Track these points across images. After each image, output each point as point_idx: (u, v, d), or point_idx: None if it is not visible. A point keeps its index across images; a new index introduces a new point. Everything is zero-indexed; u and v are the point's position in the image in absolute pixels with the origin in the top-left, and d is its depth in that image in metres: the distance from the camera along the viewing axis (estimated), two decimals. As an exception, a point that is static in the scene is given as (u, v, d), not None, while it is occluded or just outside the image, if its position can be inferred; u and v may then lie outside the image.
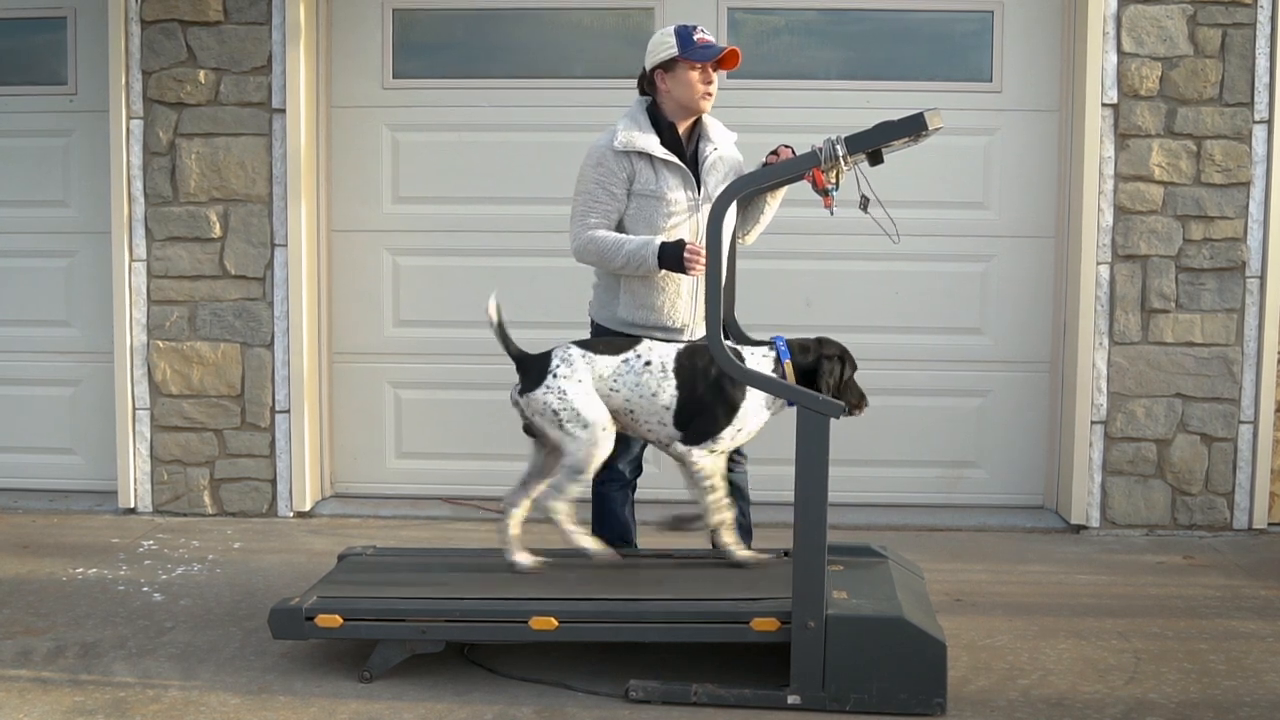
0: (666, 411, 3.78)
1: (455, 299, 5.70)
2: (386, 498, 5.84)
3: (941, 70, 5.62)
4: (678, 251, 3.84)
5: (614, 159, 3.94)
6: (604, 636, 3.63)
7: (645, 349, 3.82)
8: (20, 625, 4.17)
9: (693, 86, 3.93)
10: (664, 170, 3.95)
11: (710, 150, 4.02)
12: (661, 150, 3.94)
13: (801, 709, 3.43)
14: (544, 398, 3.76)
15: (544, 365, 3.79)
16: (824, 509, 3.41)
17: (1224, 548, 5.21)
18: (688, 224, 3.98)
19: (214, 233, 5.54)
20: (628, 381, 3.78)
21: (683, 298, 4.00)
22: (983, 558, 5.09)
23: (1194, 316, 5.35)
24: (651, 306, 4.00)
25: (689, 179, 3.97)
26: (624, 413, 3.81)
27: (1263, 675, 3.74)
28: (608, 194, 3.94)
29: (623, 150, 3.93)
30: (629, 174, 3.93)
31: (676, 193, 3.95)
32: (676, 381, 3.77)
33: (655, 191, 3.94)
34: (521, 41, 5.72)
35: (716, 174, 4.01)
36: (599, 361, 3.80)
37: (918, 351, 5.67)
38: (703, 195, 3.99)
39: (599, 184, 3.95)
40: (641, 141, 3.92)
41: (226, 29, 5.47)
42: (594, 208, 3.95)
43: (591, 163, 3.97)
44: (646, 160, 3.93)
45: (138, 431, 5.64)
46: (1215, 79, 5.26)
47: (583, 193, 3.98)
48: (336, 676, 3.69)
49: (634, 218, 3.97)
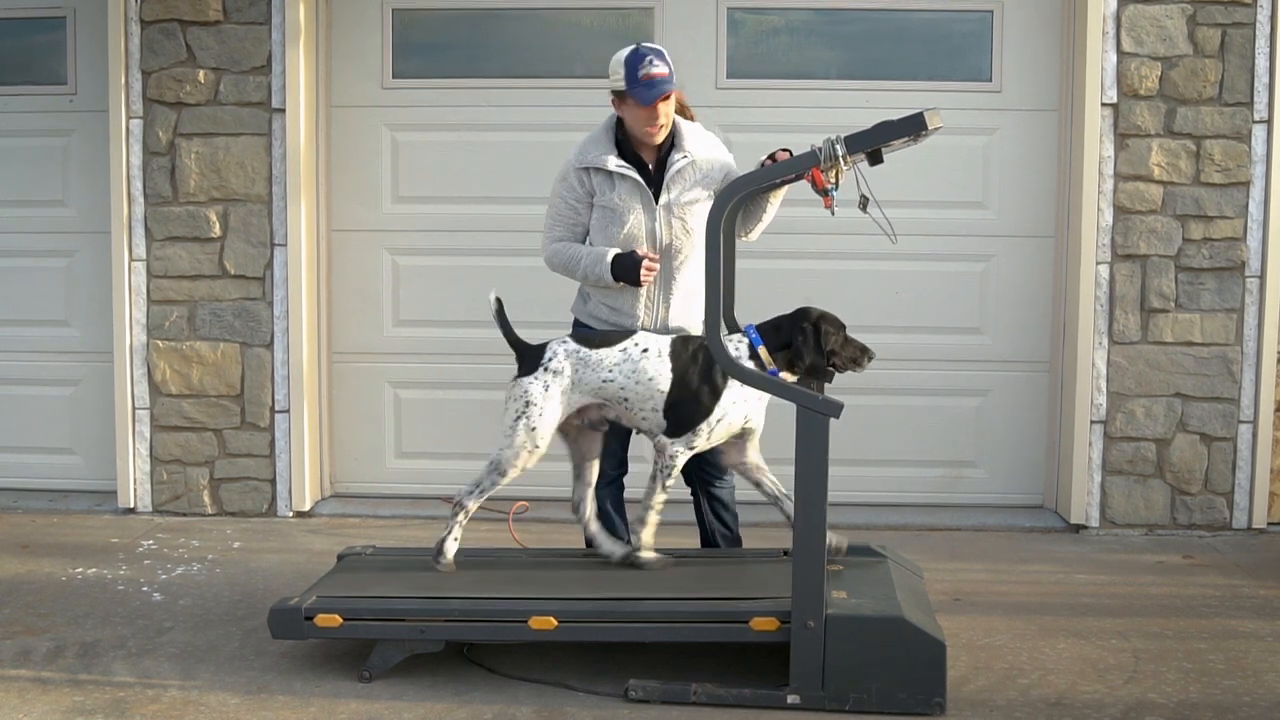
0: (661, 396, 3.81)
1: (455, 299, 5.70)
2: (386, 498, 5.84)
3: (941, 70, 5.62)
4: (630, 262, 3.95)
5: (575, 175, 4.09)
6: (604, 636, 3.63)
7: (641, 337, 3.89)
8: (20, 625, 4.17)
9: (639, 121, 3.99)
10: (620, 183, 4.04)
11: (679, 159, 4.05)
12: (615, 164, 4.02)
13: (801, 709, 3.43)
14: (528, 386, 3.83)
15: (539, 355, 3.86)
16: (824, 509, 3.41)
17: (1223, 547, 5.22)
18: (644, 235, 4.04)
19: (214, 232, 5.54)
20: (624, 370, 3.82)
21: (642, 301, 4.08)
22: (982, 557, 5.09)
23: (1193, 316, 5.35)
24: (615, 307, 4.11)
25: (644, 190, 4.03)
26: (617, 401, 3.84)
27: (1262, 675, 3.74)
28: (570, 209, 4.11)
29: (581, 167, 4.07)
30: (589, 188, 4.07)
31: (630, 204, 4.03)
32: (671, 366, 3.82)
33: (609, 203, 4.05)
34: (521, 41, 5.72)
35: (684, 181, 4.04)
36: (594, 355, 3.84)
37: (918, 351, 5.67)
38: (662, 203, 4.03)
39: (562, 199, 4.13)
40: (595, 157, 4.04)
41: (226, 29, 5.47)
42: (559, 221, 4.14)
43: (559, 178, 4.15)
44: (604, 174, 4.05)
45: (137, 431, 5.64)
46: (1215, 79, 5.26)
47: (551, 207, 4.17)
48: (336, 676, 3.69)
49: (595, 227, 4.11)
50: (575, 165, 4.08)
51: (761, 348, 3.83)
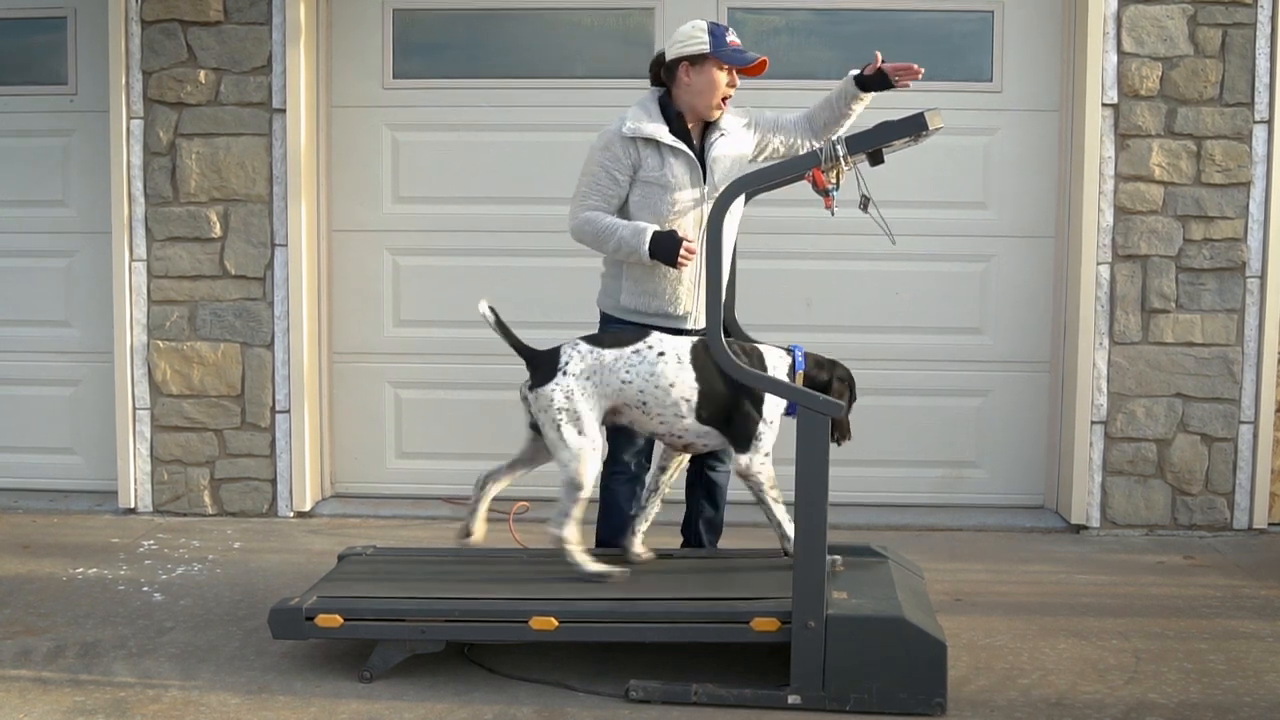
0: (686, 404, 3.77)
1: (455, 299, 5.70)
2: (386, 498, 5.84)
3: (941, 70, 5.60)
4: (670, 243, 3.87)
5: (621, 144, 3.97)
6: (604, 636, 3.63)
7: (655, 339, 3.81)
8: (20, 625, 4.17)
9: (715, 87, 3.96)
10: (670, 158, 3.97)
11: (717, 137, 4.03)
12: (670, 138, 3.96)
13: (801, 709, 3.43)
14: (552, 394, 3.74)
15: (554, 361, 3.78)
16: (824, 509, 3.41)
17: (1224, 548, 5.22)
18: (693, 213, 4.00)
19: (214, 233, 5.54)
20: (640, 372, 3.75)
21: (684, 284, 4.01)
22: (983, 558, 5.09)
23: (1194, 316, 5.35)
24: (653, 293, 4.02)
25: (695, 168, 3.99)
26: (635, 405, 3.78)
27: (1263, 675, 3.74)
28: (610, 178, 3.98)
29: (630, 136, 3.96)
30: (634, 161, 3.96)
31: (682, 180, 3.97)
32: (695, 373, 3.77)
33: (660, 179, 3.96)
34: (521, 41, 5.72)
35: (722, 165, 4.03)
36: (609, 354, 3.78)
37: (918, 351, 5.68)
38: (708, 185, 4.00)
39: (603, 167, 3.98)
40: (650, 128, 3.95)
41: (226, 29, 5.47)
42: (595, 189, 3.99)
43: (600, 145, 4.01)
44: (654, 147, 3.96)
45: (138, 431, 5.64)
46: (1215, 79, 5.26)
47: (587, 174, 4.02)
48: (336, 676, 3.69)
49: (639, 204, 3.99)
50: (623, 134, 3.96)
51: (801, 373, 3.83)
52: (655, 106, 4.01)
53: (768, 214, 5.20)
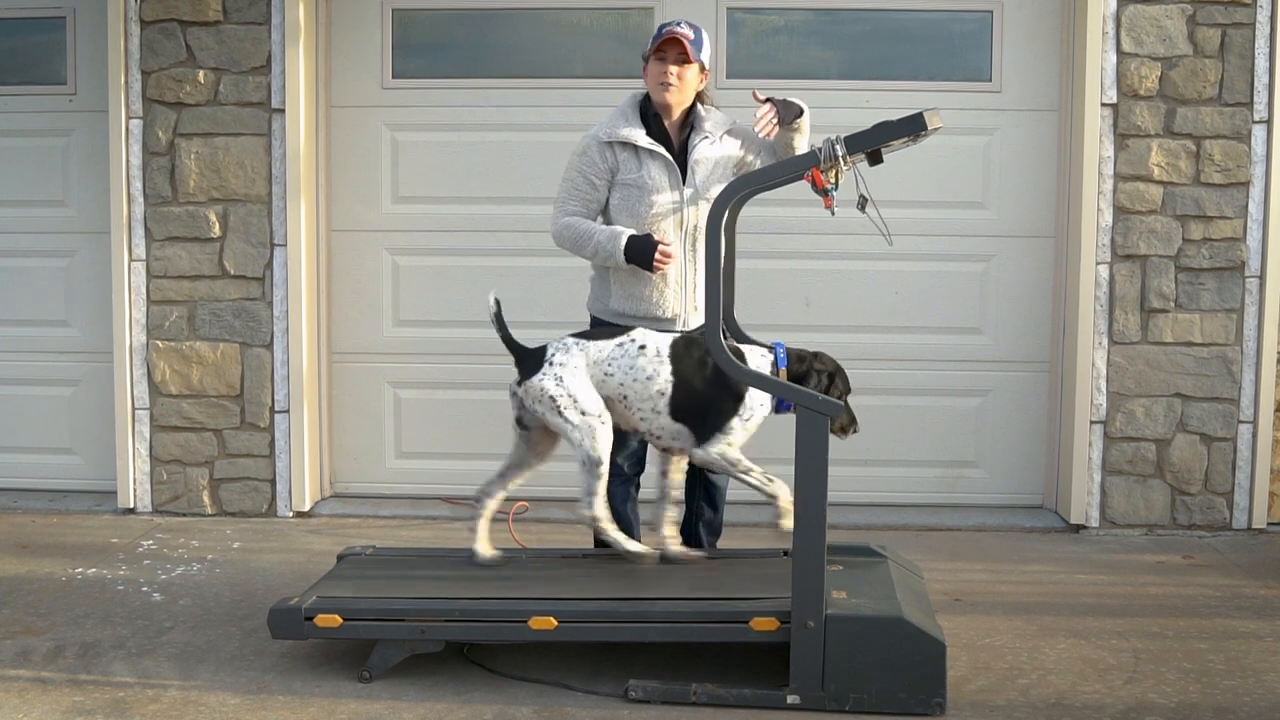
0: (661, 398, 3.78)
1: (455, 299, 5.70)
2: (386, 498, 5.84)
3: (941, 70, 5.62)
4: (646, 247, 3.90)
5: (598, 149, 4.02)
6: (604, 636, 3.63)
7: (639, 334, 3.85)
8: (20, 625, 4.17)
9: (651, 79, 4.02)
10: (648, 160, 3.99)
11: (699, 140, 4.04)
12: (646, 140, 3.99)
13: (801, 709, 3.43)
14: (541, 384, 3.78)
15: (540, 355, 3.83)
16: (824, 509, 3.41)
17: (1223, 547, 5.22)
18: (672, 216, 4.01)
19: (213, 233, 5.54)
20: (621, 365, 3.79)
21: (671, 287, 4.03)
22: (982, 557, 5.09)
23: (1193, 316, 5.35)
24: (640, 297, 4.05)
25: (674, 170, 4.01)
26: (617, 399, 3.82)
27: (1262, 675, 3.74)
28: (588, 183, 4.03)
29: (607, 140, 4.01)
30: (611, 165, 4.01)
31: (660, 183, 3.99)
32: (672, 367, 3.79)
33: (637, 181, 3.99)
34: (521, 41, 5.72)
35: (704, 168, 4.03)
36: (593, 346, 3.83)
37: (918, 351, 5.68)
38: (689, 187, 4.01)
39: (580, 173, 4.04)
40: (626, 132, 4.00)
41: (226, 29, 5.47)
42: (574, 195, 4.05)
43: (578, 151, 4.07)
44: (631, 150, 3.99)
45: (137, 431, 5.64)
46: (1214, 79, 5.26)
47: (566, 180, 4.08)
48: (336, 676, 3.69)
49: (618, 207, 4.03)
50: (600, 139, 4.01)
51: (784, 369, 3.82)
52: (634, 110, 4.06)
53: (768, 214, 5.20)
